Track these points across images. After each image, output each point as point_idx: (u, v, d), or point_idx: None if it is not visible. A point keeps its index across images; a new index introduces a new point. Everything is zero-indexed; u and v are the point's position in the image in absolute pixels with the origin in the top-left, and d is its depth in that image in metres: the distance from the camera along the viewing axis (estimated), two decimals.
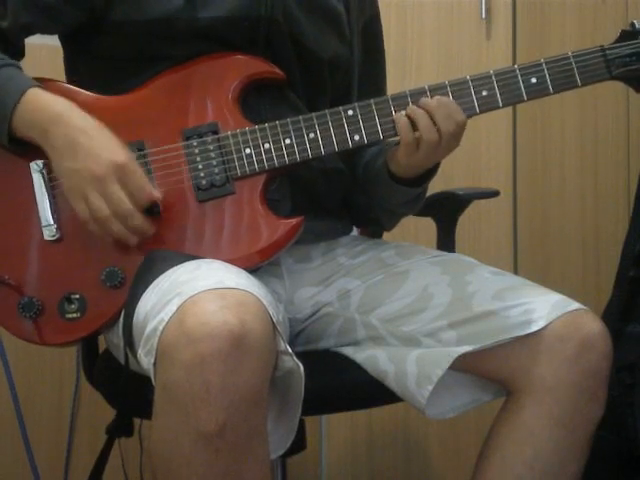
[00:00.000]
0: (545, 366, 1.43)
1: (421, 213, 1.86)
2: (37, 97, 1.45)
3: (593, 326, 1.45)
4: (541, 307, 1.45)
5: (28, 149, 1.48)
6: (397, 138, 1.50)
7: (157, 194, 1.45)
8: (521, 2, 2.51)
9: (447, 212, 1.87)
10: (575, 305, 1.47)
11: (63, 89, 1.52)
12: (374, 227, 1.73)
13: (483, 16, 2.50)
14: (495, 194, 1.98)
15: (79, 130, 1.43)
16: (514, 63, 2.48)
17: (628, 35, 1.49)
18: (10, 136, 1.46)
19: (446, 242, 1.86)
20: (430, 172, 1.56)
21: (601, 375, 1.44)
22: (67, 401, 2.33)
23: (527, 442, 1.44)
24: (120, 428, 1.51)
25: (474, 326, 1.47)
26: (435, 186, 1.66)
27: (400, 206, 1.61)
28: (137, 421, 1.55)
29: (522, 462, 1.44)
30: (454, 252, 1.82)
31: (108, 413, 1.54)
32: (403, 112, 1.48)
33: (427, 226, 1.93)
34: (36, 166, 1.49)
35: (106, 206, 1.41)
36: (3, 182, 1.50)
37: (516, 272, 2.46)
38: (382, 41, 1.74)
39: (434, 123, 1.46)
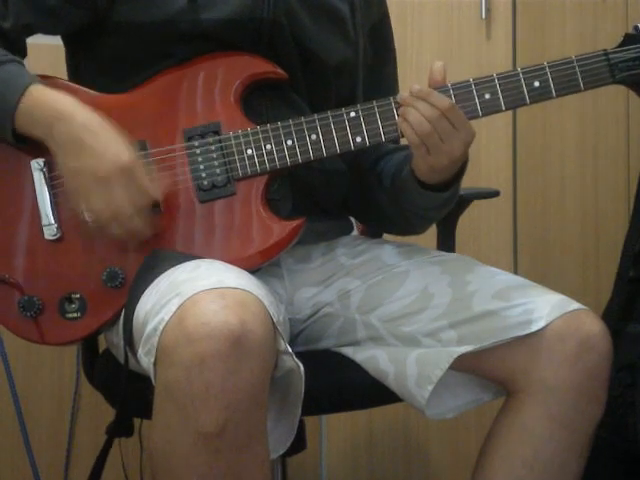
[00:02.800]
0: (545, 366, 1.43)
1: None
2: (40, 93, 1.45)
3: (593, 326, 1.45)
4: (541, 307, 1.45)
5: (29, 147, 1.48)
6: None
7: (159, 197, 1.44)
8: (521, 2, 2.51)
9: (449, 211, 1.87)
10: (575, 305, 1.47)
11: (65, 87, 1.52)
12: (404, 234, 1.72)
13: (483, 16, 2.50)
14: (495, 194, 1.98)
15: (83, 127, 1.43)
16: (514, 63, 2.48)
17: (631, 39, 1.49)
18: (14, 132, 1.45)
19: (446, 242, 1.86)
20: (457, 175, 1.53)
21: (601, 375, 1.44)
22: (67, 401, 2.33)
23: (527, 442, 1.45)
24: (120, 428, 1.51)
25: (474, 326, 1.47)
26: None
27: (432, 210, 1.59)
28: (137, 421, 1.55)
29: (522, 462, 1.44)
30: (454, 252, 1.82)
31: (108, 413, 1.54)
32: None
33: None
34: (37, 165, 1.49)
35: (107, 208, 1.41)
36: (4, 181, 1.50)
37: (516, 272, 2.46)
38: (392, 41, 1.74)
39: (421, 115, 1.45)
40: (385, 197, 1.63)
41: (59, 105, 1.44)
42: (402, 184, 1.57)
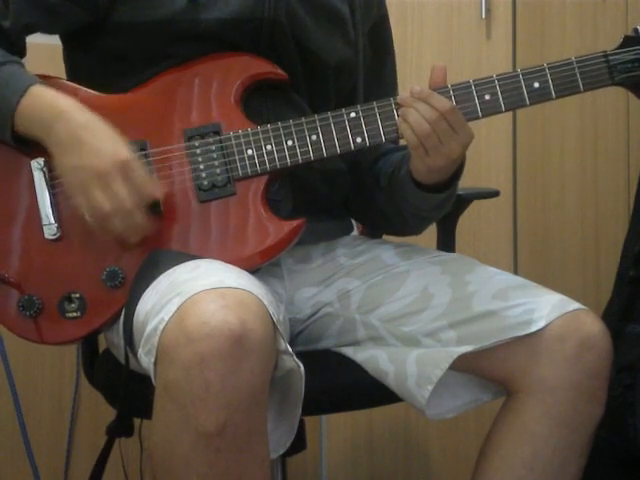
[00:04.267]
0: (545, 366, 1.43)
1: None
2: (40, 94, 1.45)
3: (593, 326, 1.45)
4: (541, 307, 1.45)
5: (29, 147, 1.48)
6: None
7: (159, 193, 1.45)
8: (521, 2, 2.51)
9: (447, 212, 1.87)
10: (575, 305, 1.47)
11: (65, 86, 1.52)
12: (402, 235, 1.72)
13: (483, 16, 2.50)
14: (495, 194, 1.98)
15: (82, 127, 1.43)
16: (514, 63, 2.48)
17: (631, 41, 1.49)
18: (13, 134, 1.46)
19: (446, 242, 1.86)
20: (455, 175, 1.54)
21: (601, 375, 1.44)
22: (67, 401, 2.33)
23: (527, 442, 1.45)
24: (120, 428, 1.51)
25: (474, 326, 1.47)
26: None
27: (429, 211, 1.60)
28: (137, 421, 1.55)
29: (522, 462, 1.45)
30: (454, 252, 1.82)
31: (108, 413, 1.54)
32: None
33: None
34: (37, 164, 1.49)
35: (108, 203, 1.41)
36: (4, 180, 1.50)
37: (516, 272, 2.46)
38: (391, 43, 1.74)
39: (421, 116, 1.45)
40: (382, 197, 1.63)
41: (58, 105, 1.44)
42: (399, 184, 1.57)
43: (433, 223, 1.71)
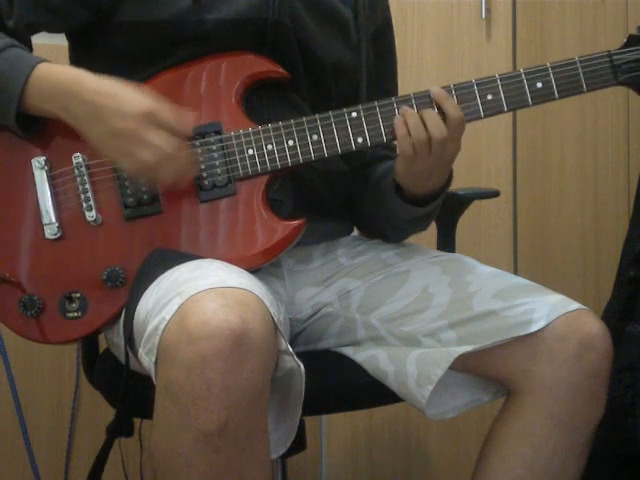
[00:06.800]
0: (545, 366, 1.44)
1: None
2: (48, 70, 1.45)
3: (593, 326, 1.45)
4: (541, 307, 1.46)
5: (30, 145, 1.48)
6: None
7: (190, 124, 1.44)
8: (521, 2, 2.51)
9: (447, 212, 1.87)
10: (575, 305, 1.47)
11: None
12: (377, 237, 1.73)
13: (483, 16, 2.50)
14: (495, 194, 1.98)
15: (95, 92, 1.42)
16: (514, 63, 2.49)
17: (636, 40, 1.48)
18: (21, 114, 1.45)
19: (446, 242, 1.87)
20: (438, 192, 1.55)
21: (601, 375, 1.45)
22: (67, 401, 2.33)
23: (527, 442, 1.45)
24: (120, 428, 1.51)
25: (474, 326, 1.47)
26: None
27: (406, 223, 1.61)
28: (137, 421, 1.55)
29: (522, 462, 1.45)
30: (454, 252, 1.82)
31: (108, 413, 1.54)
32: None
33: None
34: (38, 163, 1.49)
35: (150, 156, 1.39)
36: (4, 179, 1.51)
37: (516, 272, 2.46)
38: (394, 48, 1.74)
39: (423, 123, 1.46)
40: (367, 199, 1.63)
41: (67, 77, 1.44)
42: (383, 194, 1.58)
43: (406, 237, 1.70)
